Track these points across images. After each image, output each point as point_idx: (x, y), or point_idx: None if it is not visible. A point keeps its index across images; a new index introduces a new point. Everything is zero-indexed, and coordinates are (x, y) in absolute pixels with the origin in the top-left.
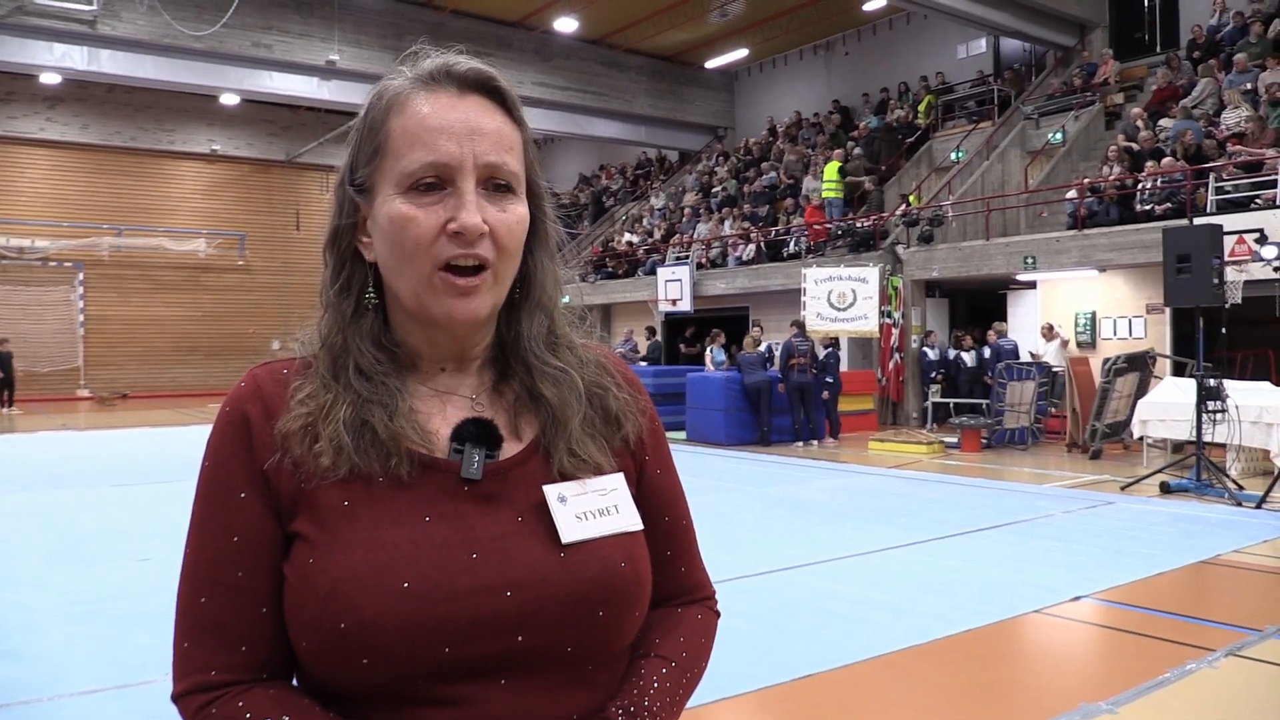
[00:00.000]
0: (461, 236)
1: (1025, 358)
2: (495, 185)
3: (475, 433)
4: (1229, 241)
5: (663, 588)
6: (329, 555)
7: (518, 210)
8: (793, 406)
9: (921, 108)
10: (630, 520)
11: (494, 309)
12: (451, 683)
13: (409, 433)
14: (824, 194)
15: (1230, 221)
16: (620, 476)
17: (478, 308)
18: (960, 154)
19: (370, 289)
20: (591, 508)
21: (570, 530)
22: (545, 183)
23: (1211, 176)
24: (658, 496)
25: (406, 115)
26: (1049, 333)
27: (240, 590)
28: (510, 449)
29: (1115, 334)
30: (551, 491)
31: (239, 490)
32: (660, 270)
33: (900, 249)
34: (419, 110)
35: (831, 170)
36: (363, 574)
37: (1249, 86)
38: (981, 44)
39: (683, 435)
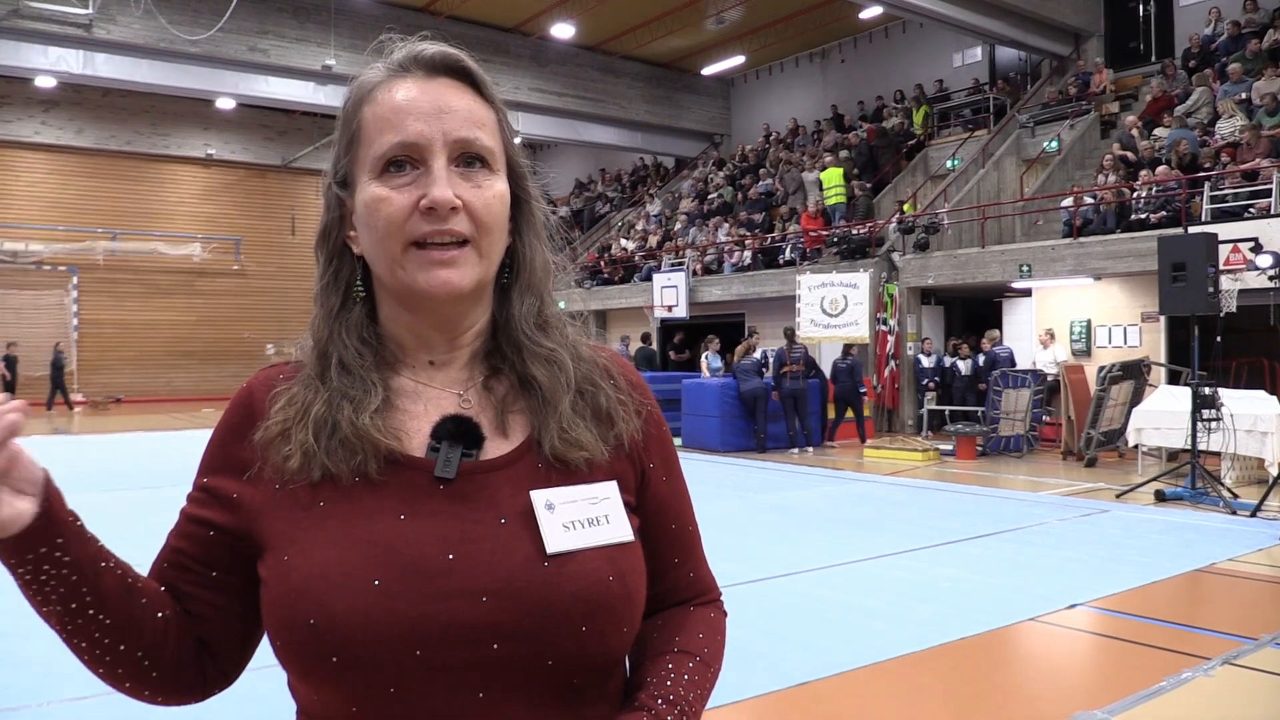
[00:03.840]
0: (434, 212)
1: (1024, 364)
2: (468, 161)
3: (453, 430)
4: (1224, 250)
5: (674, 593)
6: (302, 553)
7: (495, 186)
8: (787, 413)
9: (917, 118)
10: (621, 531)
11: (478, 284)
12: (427, 694)
13: (371, 432)
14: (827, 200)
15: (1225, 230)
16: (613, 485)
17: (459, 278)
18: (956, 162)
19: (359, 282)
20: (580, 516)
21: (556, 540)
22: (527, 163)
23: (1206, 185)
24: (664, 504)
25: (377, 102)
26: (1049, 339)
27: (169, 544)
28: (496, 449)
29: (1110, 342)
30: (539, 497)
31: (203, 477)
32: (656, 276)
33: (896, 256)
34: (388, 96)
35: (835, 175)
36: (333, 570)
37: (1244, 96)
38: (977, 52)
39: (678, 442)
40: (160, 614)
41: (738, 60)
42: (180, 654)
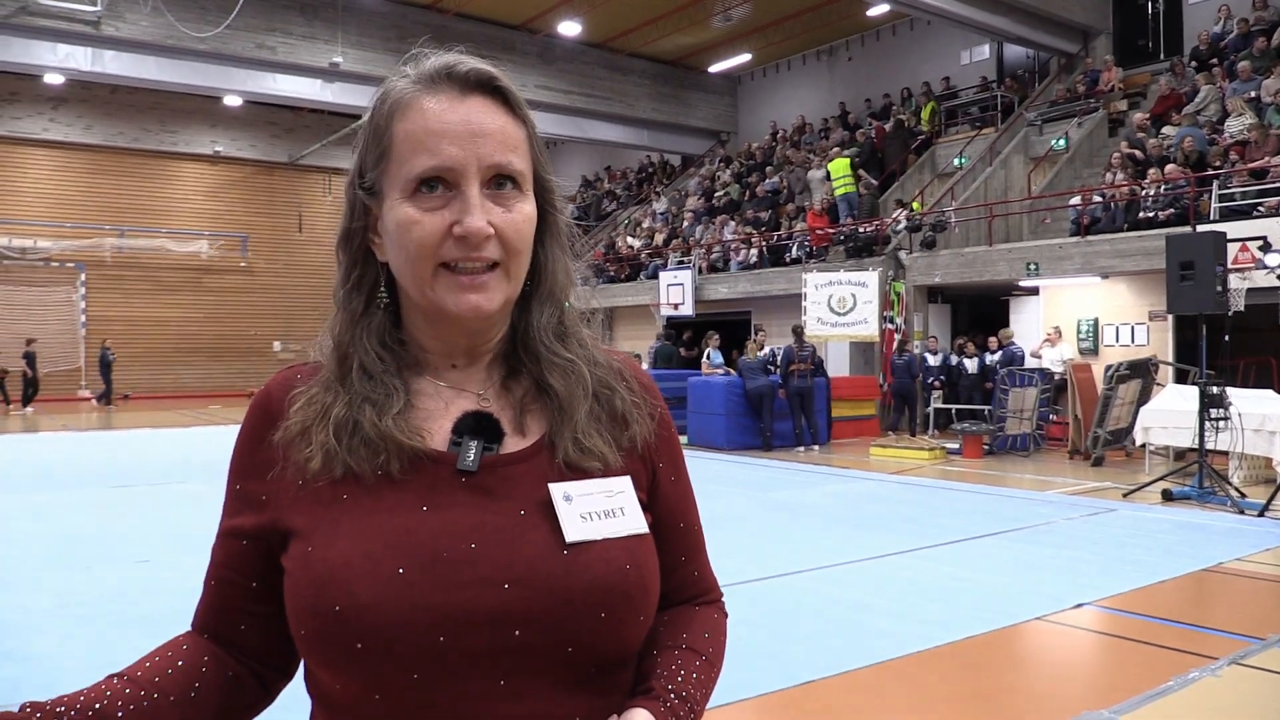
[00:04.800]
0: (466, 240)
1: (1029, 362)
2: (500, 185)
3: (474, 425)
4: (1232, 249)
5: (680, 591)
6: (325, 543)
7: (524, 209)
8: (793, 411)
9: (925, 114)
10: (636, 523)
11: (506, 304)
12: (449, 680)
13: (394, 433)
14: (836, 191)
15: (1234, 229)
16: (627, 479)
17: (489, 302)
18: (963, 160)
19: (383, 289)
20: (597, 508)
21: (574, 530)
22: (554, 178)
23: (1215, 184)
24: (672, 503)
25: (409, 119)
26: (1056, 337)
27: (212, 560)
28: (515, 445)
29: (1118, 341)
30: (557, 490)
31: (235, 484)
32: (662, 274)
33: (903, 254)
34: (421, 113)
35: (842, 166)
36: (357, 559)
37: (1253, 94)
38: (985, 50)
39: (684, 440)
40: (184, 695)
41: (745, 58)
42: (224, 700)
